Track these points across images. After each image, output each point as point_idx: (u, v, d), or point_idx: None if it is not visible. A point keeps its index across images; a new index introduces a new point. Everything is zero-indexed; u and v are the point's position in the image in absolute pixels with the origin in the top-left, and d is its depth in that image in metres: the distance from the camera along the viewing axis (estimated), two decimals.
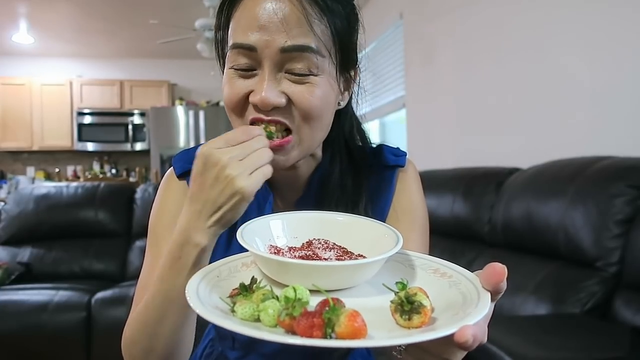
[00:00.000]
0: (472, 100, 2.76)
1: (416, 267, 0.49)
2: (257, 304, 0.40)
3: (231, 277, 0.47)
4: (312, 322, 0.35)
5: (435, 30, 3.11)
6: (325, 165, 0.72)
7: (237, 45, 0.61)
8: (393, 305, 0.40)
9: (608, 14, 1.83)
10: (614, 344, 1.18)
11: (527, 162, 2.05)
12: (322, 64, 0.62)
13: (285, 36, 0.59)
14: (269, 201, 0.70)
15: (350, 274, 0.44)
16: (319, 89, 0.62)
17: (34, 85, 5.84)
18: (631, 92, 1.73)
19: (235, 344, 0.75)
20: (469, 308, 0.39)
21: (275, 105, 0.60)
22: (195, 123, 5.78)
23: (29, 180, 5.87)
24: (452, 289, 0.43)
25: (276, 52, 0.59)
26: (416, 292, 0.40)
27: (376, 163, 0.74)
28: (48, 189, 2.88)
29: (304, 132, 0.63)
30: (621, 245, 1.46)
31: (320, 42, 0.61)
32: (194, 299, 0.38)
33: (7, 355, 2.16)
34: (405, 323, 0.39)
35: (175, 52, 5.69)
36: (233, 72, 0.63)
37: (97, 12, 4.63)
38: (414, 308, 0.38)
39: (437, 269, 0.48)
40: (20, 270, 2.55)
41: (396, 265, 0.50)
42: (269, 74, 0.60)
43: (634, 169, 1.51)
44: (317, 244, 0.52)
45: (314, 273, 0.42)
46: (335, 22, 0.63)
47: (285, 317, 0.37)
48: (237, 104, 0.63)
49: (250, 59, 0.61)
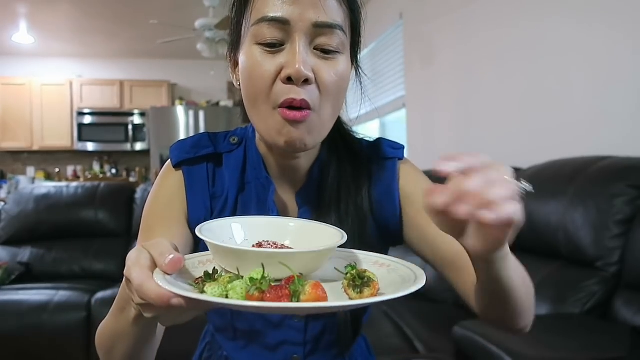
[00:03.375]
0: (472, 100, 2.76)
1: (358, 261, 0.54)
2: (224, 285, 0.42)
3: (191, 272, 0.49)
4: (281, 293, 0.40)
5: (435, 30, 3.11)
6: (324, 156, 0.72)
7: (269, 19, 0.59)
8: (346, 281, 0.45)
9: (608, 14, 1.83)
10: (614, 344, 1.19)
11: (527, 162, 2.05)
12: (345, 43, 0.63)
13: (318, 11, 0.59)
14: (270, 191, 0.69)
15: (304, 261, 0.47)
16: (342, 67, 0.62)
17: (34, 85, 5.84)
18: (631, 92, 1.73)
19: (237, 334, 0.74)
20: (408, 283, 0.45)
21: (307, 78, 0.59)
22: (195, 123, 5.79)
23: (29, 180, 5.87)
24: (392, 274, 0.49)
25: (309, 26, 0.59)
26: (365, 270, 0.45)
27: (375, 155, 0.74)
28: (48, 189, 2.88)
29: (323, 110, 0.62)
30: (621, 245, 1.46)
31: (345, 20, 0.62)
32: (163, 282, 0.40)
33: (7, 355, 2.16)
34: (357, 296, 0.44)
35: (175, 52, 5.69)
36: (259, 50, 0.61)
37: (97, 12, 4.63)
38: (364, 282, 0.44)
39: (376, 261, 0.53)
40: (20, 270, 2.55)
41: (340, 261, 0.54)
42: (302, 46, 0.59)
43: (634, 169, 1.51)
44: (266, 245, 0.54)
45: (271, 261, 0.45)
46: (354, 6, 0.64)
47: (255, 291, 0.41)
48: (267, 84, 0.60)
49: (281, 32, 0.59)
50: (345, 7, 0.62)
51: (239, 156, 0.72)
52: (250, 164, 0.72)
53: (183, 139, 0.73)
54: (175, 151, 0.71)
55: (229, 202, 0.70)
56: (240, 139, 0.73)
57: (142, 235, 0.68)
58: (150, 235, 0.67)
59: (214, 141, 0.73)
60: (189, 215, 0.70)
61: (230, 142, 0.73)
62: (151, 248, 0.45)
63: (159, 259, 0.43)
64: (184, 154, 0.71)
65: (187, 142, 0.72)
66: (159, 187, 0.71)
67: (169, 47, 5.06)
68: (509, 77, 2.41)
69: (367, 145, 0.76)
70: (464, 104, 2.83)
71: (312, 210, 0.70)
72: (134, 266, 0.43)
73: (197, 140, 0.72)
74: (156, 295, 0.40)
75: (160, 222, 0.68)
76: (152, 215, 0.69)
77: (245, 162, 0.72)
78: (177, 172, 0.71)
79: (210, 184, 0.71)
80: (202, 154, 0.71)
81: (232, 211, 0.70)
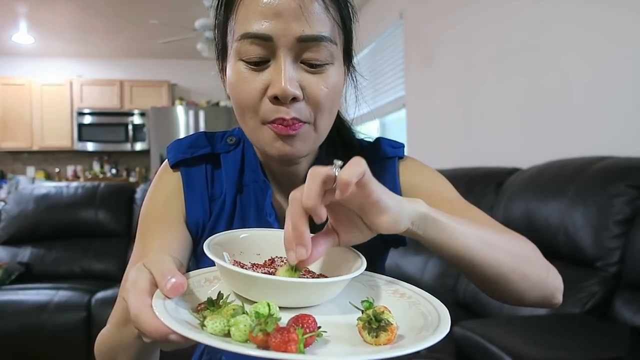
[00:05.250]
0: (472, 100, 2.76)
1: (377, 287, 0.50)
2: (227, 319, 0.39)
3: (195, 292, 0.46)
4: (288, 337, 0.36)
5: (435, 30, 3.11)
6: (322, 158, 0.70)
7: (250, 35, 0.56)
8: (361, 322, 0.41)
9: (608, 14, 1.83)
10: (614, 344, 1.19)
11: (527, 162, 2.05)
12: (335, 52, 0.60)
13: (302, 24, 0.56)
14: (268, 195, 0.68)
15: (318, 291, 0.44)
16: (333, 78, 0.60)
17: (34, 85, 5.84)
18: (631, 92, 1.73)
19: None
20: (431, 327, 0.40)
21: (294, 97, 0.57)
22: (195, 123, 5.78)
23: (29, 180, 5.87)
24: (412, 309, 0.45)
25: (293, 41, 0.56)
26: (383, 311, 0.41)
27: (375, 155, 0.72)
28: (48, 189, 2.88)
29: (318, 122, 0.60)
30: (621, 245, 1.46)
31: (334, 29, 0.59)
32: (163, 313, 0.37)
33: (7, 355, 2.16)
34: (373, 340, 0.40)
35: (175, 52, 5.69)
36: (244, 67, 0.59)
37: (97, 12, 4.63)
38: (381, 326, 0.40)
39: (396, 290, 0.49)
40: (20, 270, 2.55)
41: (358, 285, 0.50)
42: (287, 63, 0.57)
43: (634, 169, 1.51)
44: (279, 262, 0.51)
45: (282, 289, 0.42)
46: (342, 8, 0.62)
47: (259, 332, 0.37)
48: (253, 103, 0.58)
49: (264, 49, 0.57)
50: (332, 12, 0.59)
51: (237, 157, 0.71)
52: (248, 166, 0.71)
53: (180, 138, 0.71)
54: (172, 151, 0.70)
55: (227, 204, 0.69)
56: (237, 139, 0.72)
57: (140, 237, 0.67)
58: (148, 237, 0.65)
59: (211, 141, 0.71)
60: (187, 217, 0.68)
61: (227, 142, 0.72)
62: (152, 266, 0.42)
63: (161, 280, 0.40)
64: (180, 154, 0.69)
65: (183, 141, 0.70)
66: (157, 187, 0.70)
67: (169, 47, 5.06)
68: (509, 77, 2.41)
69: (367, 145, 0.75)
70: (464, 104, 2.83)
71: None
72: (132, 289, 0.40)
73: (194, 140, 0.71)
74: (153, 329, 0.37)
75: (158, 223, 0.66)
76: (150, 217, 0.68)
77: (243, 164, 0.71)
78: (175, 173, 0.70)
79: (209, 186, 0.70)
80: (199, 154, 0.70)
81: (230, 214, 0.69)
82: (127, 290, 0.40)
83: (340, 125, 0.74)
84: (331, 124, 0.64)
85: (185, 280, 0.41)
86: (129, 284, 0.41)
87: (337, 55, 0.61)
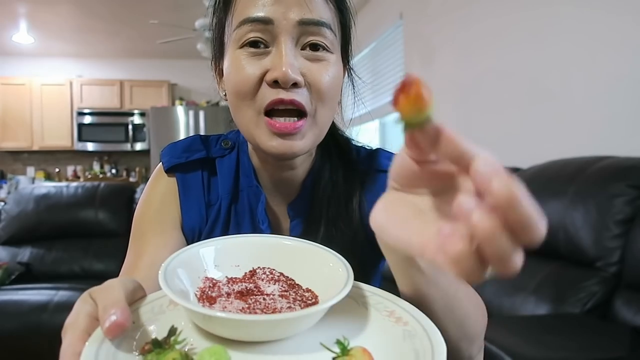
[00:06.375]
0: (471, 100, 2.76)
1: (370, 306, 0.43)
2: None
3: (150, 323, 0.39)
4: None
5: (435, 30, 3.11)
6: (318, 164, 0.69)
7: (251, 20, 0.56)
8: None
9: (608, 14, 1.82)
10: (614, 344, 1.18)
11: (527, 162, 2.05)
12: (335, 43, 0.59)
13: (303, 9, 0.56)
14: (260, 202, 0.66)
15: (286, 326, 0.38)
16: (333, 67, 0.59)
17: (34, 85, 5.84)
18: (631, 92, 1.73)
19: None
20: None
21: (295, 82, 0.55)
22: (195, 123, 5.78)
23: (29, 180, 5.87)
24: (406, 343, 0.37)
25: (294, 25, 0.56)
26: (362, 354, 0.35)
27: (370, 166, 0.70)
28: (48, 189, 2.88)
29: (318, 114, 0.59)
30: (621, 245, 1.46)
31: (333, 20, 0.59)
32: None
33: (7, 355, 2.16)
34: None
35: (175, 52, 5.69)
36: (243, 53, 0.57)
37: (97, 12, 4.63)
38: None
39: (392, 311, 0.42)
40: (20, 270, 2.55)
41: (349, 302, 0.43)
42: (288, 48, 0.55)
43: (634, 169, 1.51)
44: (261, 274, 0.46)
45: (243, 327, 0.36)
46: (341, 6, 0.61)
47: None
48: (251, 88, 0.57)
49: (265, 34, 0.56)
50: (332, 6, 0.59)
51: (232, 162, 0.70)
52: (243, 171, 0.69)
53: (174, 142, 0.70)
54: (167, 155, 0.68)
55: (222, 211, 0.68)
56: (232, 143, 0.71)
57: (134, 241, 0.65)
58: (143, 241, 0.64)
59: (206, 144, 0.70)
60: (183, 222, 0.67)
61: (222, 145, 0.70)
62: (98, 296, 0.36)
63: (102, 315, 0.34)
64: (175, 158, 0.68)
65: (178, 145, 0.69)
66: (151, 191, 0.68)
67: (169, 47, 5.06)
68: (509, 77, 2.41)
69: (364, 154, 0.72)
70: (464, 104, 2.83)
71: (303, 222, 0.67)
72: (69, 328, 0.34)
73: (189, 143, 0.69)
74: None
75: (153, 227, 0.65)
76: (144, 221, 0.66)
77: (238, 169, 0.69)
78: (170, 177, 0.68)
79: (206, 192, 0.68)
80: (194, 158, 0.68)
81: (225, 221, 0.68)
82: (65, 326, 0.35)
83: (337, 133, 0.73)
84: (331, 119, 0.63)
85: (129, 317, 0.34)
86: (68, 320, 0.35)
87: (337, 47, 0.60)
